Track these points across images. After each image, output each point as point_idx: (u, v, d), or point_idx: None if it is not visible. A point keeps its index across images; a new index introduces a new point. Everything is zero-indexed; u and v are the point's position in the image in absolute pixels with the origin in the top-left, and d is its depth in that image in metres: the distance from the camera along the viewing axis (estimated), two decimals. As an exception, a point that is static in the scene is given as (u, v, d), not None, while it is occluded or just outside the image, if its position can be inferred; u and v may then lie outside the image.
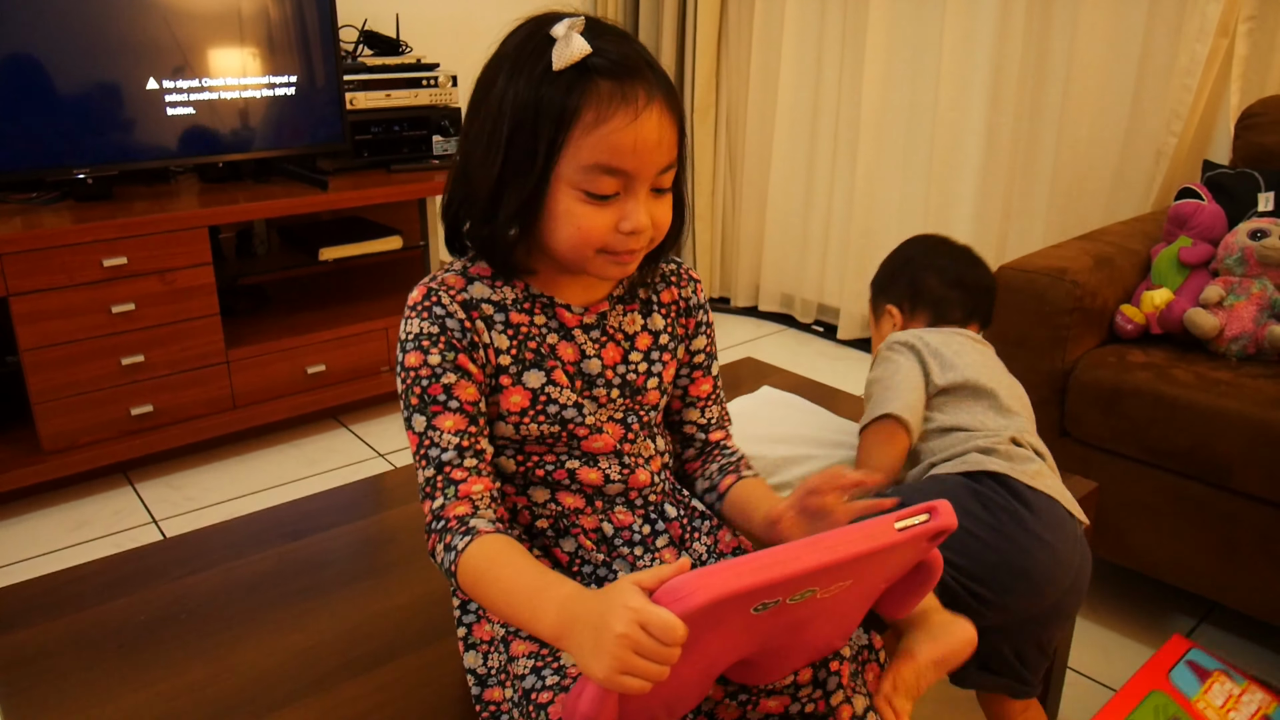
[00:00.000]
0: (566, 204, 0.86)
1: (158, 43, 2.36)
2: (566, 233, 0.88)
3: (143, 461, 2.46)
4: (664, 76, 0.88)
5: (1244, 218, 1.89)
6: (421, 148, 2.93)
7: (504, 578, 0.82)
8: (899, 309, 1.47)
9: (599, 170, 0.85)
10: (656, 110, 0.85)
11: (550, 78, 0.84)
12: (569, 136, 0.84)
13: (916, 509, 0.81)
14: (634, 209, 0.87)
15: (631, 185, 0.87)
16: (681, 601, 0.69)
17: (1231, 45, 2.25)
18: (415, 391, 0.90)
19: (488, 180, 0.87)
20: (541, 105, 0.84)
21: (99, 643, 1.09)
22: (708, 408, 1.10)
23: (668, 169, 0.89)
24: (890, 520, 0.79)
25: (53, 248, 2.13)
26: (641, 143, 0.84)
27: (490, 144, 0.86)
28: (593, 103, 0.83)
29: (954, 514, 0.82)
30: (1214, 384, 1.66)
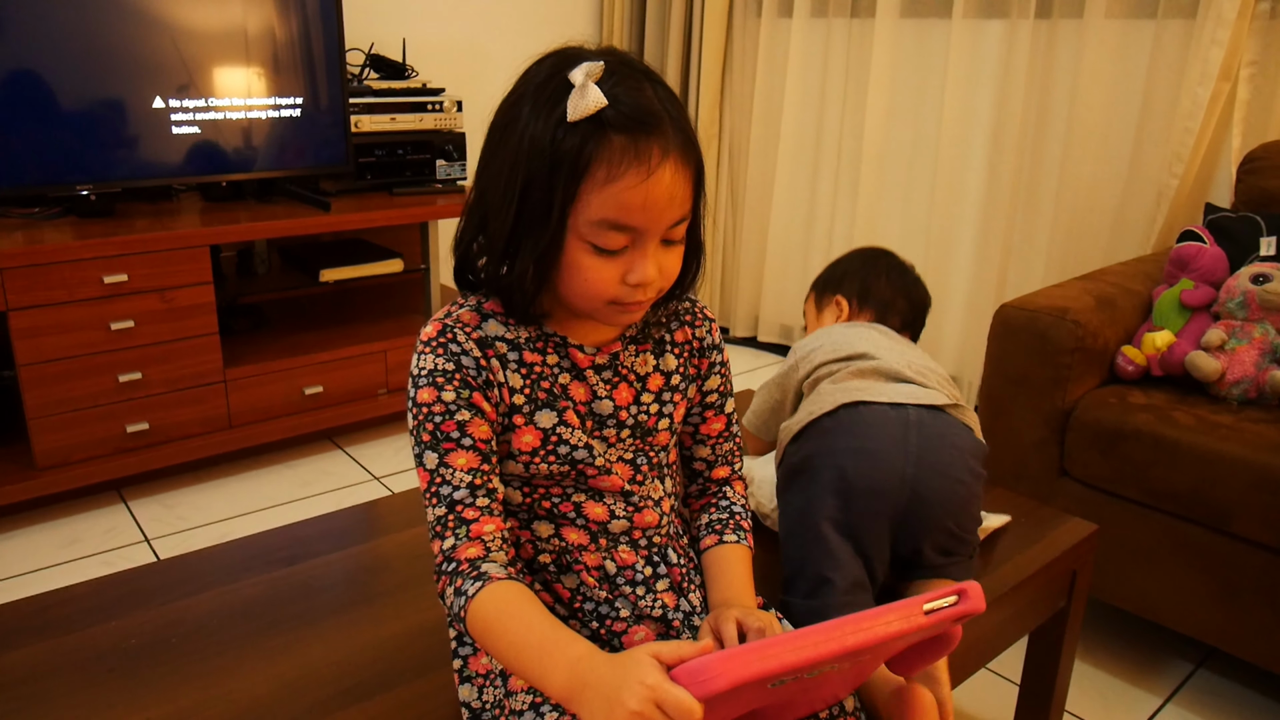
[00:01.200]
0: (575, 255, 0.86)
1: (165, 61, 2.37)
2: (575, 283, 0.87)
3: (136, 479, 2.44)
4: (682, 124, 0.86)
5: (1246, 261, 1.90)
6: (425, 171, 2.94)
7: (514, 630, 0.81)
8: (849, 303, 1.51)
9: (607, 226, 0.84)
10: (670, 166, 0.84)
11: (565, 128, 0.82)
12: (579, 191, 0.83)
13: (946, 591, 0.81)
14: (641, 263, 0.86)
15: (640, 240, 0.86)
16: (703, 685, 0.68)
17: (1234, 90, 2.27)
18: (427, 428, 0.89)
19: (503, 227, 0.86)
20: (556, 156, 0.82)
21: (88, 666, 1.08)
22: (718, 445, 1.10)
23: (680, 222, 0.88)
24: (919, 603, 0.78)
25: (54, 263, 2.13)
26: (652, 201, 0.83)
27: (507, 189, 0.85)
28: (604, 158, 0.82)
29: (983, 597, 0.82)
30: (1215, 427, 1.66)
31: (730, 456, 1.11)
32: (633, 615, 0.97)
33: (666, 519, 1.03)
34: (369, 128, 2.79)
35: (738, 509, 1.09)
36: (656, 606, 0.98)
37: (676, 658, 0.71)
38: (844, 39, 3.17)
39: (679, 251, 0.91)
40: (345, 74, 2.66)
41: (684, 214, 0.88)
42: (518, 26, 3.47)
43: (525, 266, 0.87)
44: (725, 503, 1.10)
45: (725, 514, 1.08)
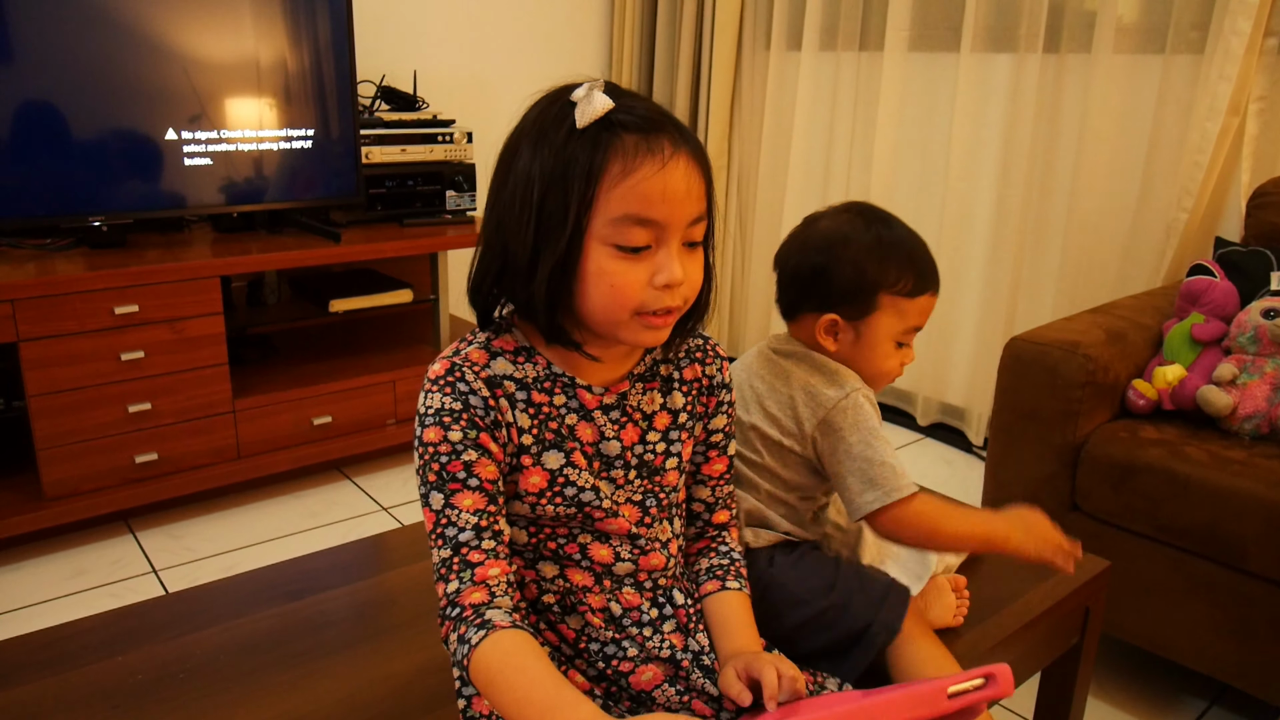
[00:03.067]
0: (599, 262, 0.85)
1: (177, 93, 2.40)
2: (600, 292, 0.86)
3: (144, 510, 2.44)
4: (688, 131, 0.88)
5: (1256, 296, 1.90)
6: (435, 202, 2.95)
7: (518, 685, 0.80)
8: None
9: (629, 221, 0.84)
10: (684, 160, 0.85)
11: (575, 138, 0.83)
12: (598, 191, 0.83)
13: (974, 673, 0.78)
14: (667, 261, 0.86)
15: (663, 236, 0.85)
16: None
17: (1242, 124, 2.28)
18: (433, 468, 0.88)
19: (524, 248, 0.86)
20: (569, 165, 0.83)
21: (94, 703, 1.07)
22: (719, 486, 1.08)
23: (698, 220, 0.88)
24: (943, 687, 0.76)
25: (65, 294, 2.14)
26: (670, 191, 0.84)
27: (522, 212, 0.85)
28: (619, 155, 0.83)
29: (1012, 681, 0.79)
30: (1227, 463, 1.64)
31: (729, 500, 1.10)
32: (640, 655, 0.96)
33: (673, 560, 1.01)
34: (380, 159, 2.81)
35: (736, 555, 1.08)
36: (665, 647, 0.97)
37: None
38: (852, 72, 3.19)
39: (700, 260, 0.91)
40: (356, 105, 2.69)
41: (701, 212, 0.88)
42: (528, 59, 3.50)
43: (543, 276, 0.85)
44: (725, 548, 1.08)
45: (726, 559, 1.07)
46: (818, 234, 1.21)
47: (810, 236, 1.22)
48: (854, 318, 1.19)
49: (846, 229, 1.19)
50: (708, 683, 0.96)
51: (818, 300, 1.19)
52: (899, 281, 1.17)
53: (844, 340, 1.20)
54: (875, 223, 1.19)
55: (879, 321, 1.18)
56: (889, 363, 1.21)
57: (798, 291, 1.22)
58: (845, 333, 1.19)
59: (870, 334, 1.19)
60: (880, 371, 1.21)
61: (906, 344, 1.21)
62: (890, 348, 1.20)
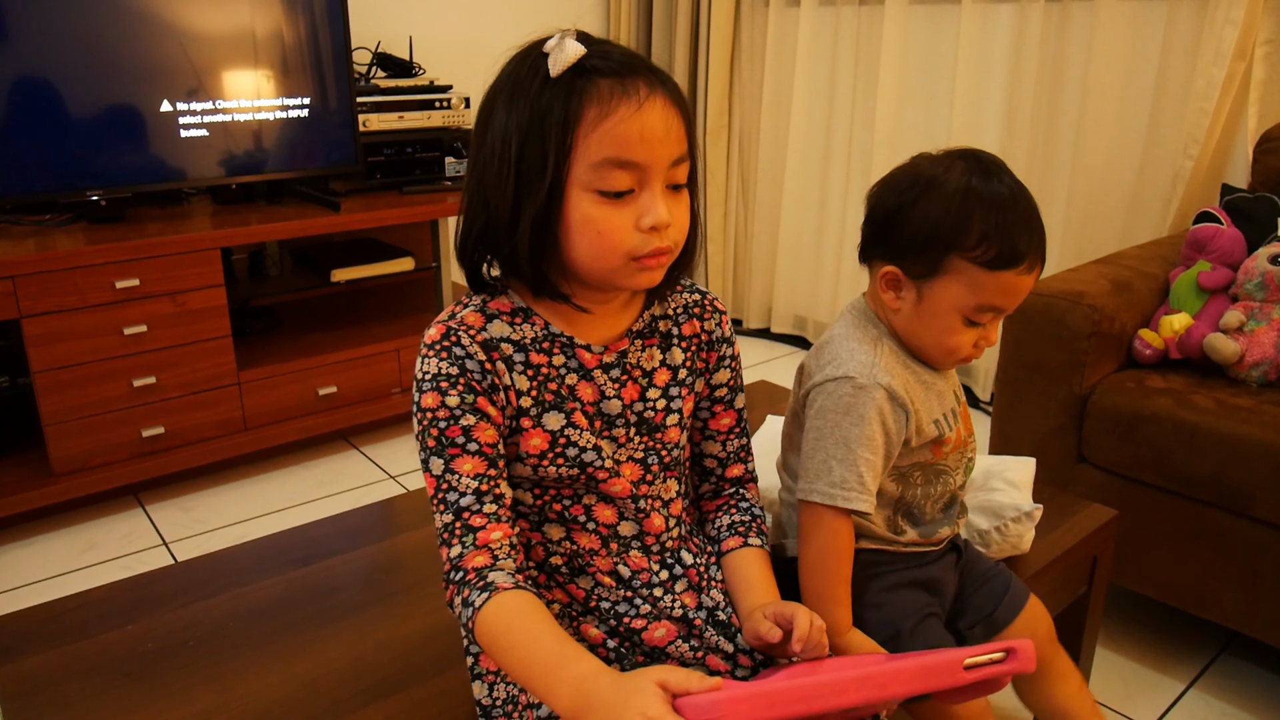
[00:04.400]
0: (583, 210, 0.84)
1: (172, 65, 2.37)
2: (587, 240, 0.85)
3: (153, 483, 2.45)
4: (665, 74, 0.87)
5: (1263, 242, 1.87)
6: (434, 169, 2.94)
7: (521, 644, 0.80)
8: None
9: (609, 165, 0.83)
10: (660, 100, 0.84)
11: (549, 87, 0.83)
12: (575, 138, 0.83)
13: (993, 646, 0.76)
14: (651, 203, 0.85)
15: (645, 178, 0.85)
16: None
17: (1249, 69, 2.24)
18: (432, 434, 0.88)
19: (505, 201, 0.85)
20: (545, 115, 0.83)
21: (105, 671, 1.08)
22: (728, 441, 1.08)
23: (680, 162, 0.87)
24: (959, 659, 0.75)
25: (65, 269, 2.13)
26: (648, 131, 0.83)
27: (502, 166, 0.85)
28: (594, 100, 0.82)
29: (1033, 657, 0.77)
30: (1235, 410, 1.63)
31: (742, 454, 1.09)
32: (652, 613, 0.96)
33: (676, 520, 1.01)
34: (377, 126, 2.79)
35: (757, 512, 1.07)
36: (676, 607, 0.97)
37: (683, 688, 0.69)
38: (853, 26, 3.15)
39: (685, 203, 0.90)
40: (352, 73, 2.66)
41: (683, 152, 0.87)
42: (524, 21, 3.44)
43: (526, 228, 0.85)
44: (745, 504, 1.08)
45: (747, 515, 1.06)
46: (905, 172, 1.06)
47: (899, 174, 1.07)
48: (918, 276, 1.03)
49: (939, 171, 1.03)
50: (722, 639, 0.96)
51: (885, 248, 1.06)
52: (978, 246, 0.99)
53: (906, 300, 1.05)
54: (976, 171, 1.02)
55: (945, 288, 1.02)
56: (953, 339, 1.05)
57: (870, 233, 1.08)
58: (907, 291, 1.05)
59: (932, 300, 1.03)
60: (941, 346, 1.06)
61: (981, 322, 1.04)
62: (955, 321, 1.03)
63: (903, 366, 1.08)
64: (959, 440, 1.11)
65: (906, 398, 1.05)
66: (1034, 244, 1.00)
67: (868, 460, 1.03)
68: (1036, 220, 1.02)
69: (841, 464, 1.03)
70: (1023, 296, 1.04)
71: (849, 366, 1.05)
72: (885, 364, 1.06)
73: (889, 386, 1.04)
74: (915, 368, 1.09)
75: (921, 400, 1.07)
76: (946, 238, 1.00)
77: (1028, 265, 1.01)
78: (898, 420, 1.05)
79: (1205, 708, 1.68)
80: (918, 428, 1.06)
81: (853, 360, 1.06)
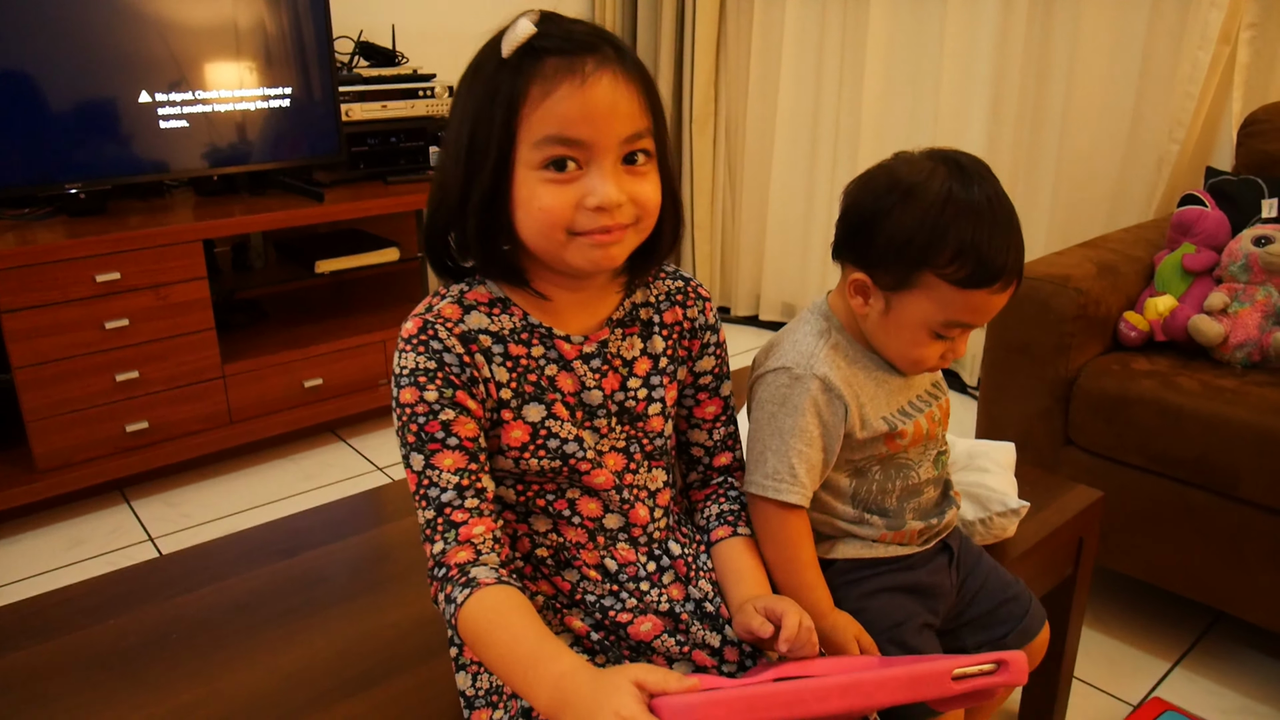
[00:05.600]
0: (529, 188, 0.83)
1: (150, 55, 2.35)
2: (531, 217, 0.84)
3: (139, 479, 2.44)
4: (626, 52, 0.85)
5: (1248, 224, 1.88)
6: (419, 159, 2.92)
7: (501, 641, 0.80)
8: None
9: (550, 142, 0.82)
10: (608, 77, 0.82)
11: (501, 68, 0.83)
12: (520, 117, 0.82)
13: (983, 658, 0.75)
14: (599, 182, 0.83)
15: (591, 156, 0.83)
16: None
17: (1234, 53, 2.24)
18: (412, 429, 0.87)
19: (457, 182, 0.85)
20: (494, 95, 0.82)
21: (87, 665, 1.07)
22: (715, 429, 1.06)
23: (634, 138, 0.84)
24: (948, 669, 0.73)
25: (45, 263, 2.11)
26: (592, 108, 0.81)
27: (455, 148, 0.85)
28: (538, 79, 0.81)
29: (1026, 670, 0.75)
30: (1219, 392, 1.64)
31: (729, 442, 1.08)
32: (639, 607, 0.96)
33: (663, 511, 1.00)
34: (360, 116, 2.77)
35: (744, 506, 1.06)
36: (663, 601, 0.96)
37: (660, 688, 0.69)
38: (839, 13, 3.14)
39: (651, 180, 0.88)
40: (334, 62, 2.64)
41: (637, 129, 0.84)
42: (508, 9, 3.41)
43: (474, 207, 0.85)
44: (734, 493, 1.07)
45: (736, 505, 1.05)
46: (884, 174, 1.02)
47: (878, 175, 1.03)
48: (888, 287, 1.00)
49: (919, 178, 0.99)
50: (708, 633, 0.96)
51: (857, 253, 1.03)
52: (951, 264, 0.96)
53: (873, 308, 1.03)
54: (956, 178, 0.98)
55: (914, 302, 1.00)
56: (918, 351, 1.03)
57: (843, 234, 1.05)
58: (875, 299, 1.02)
59: (900, 312, 1.01)
60: (906, 357, 1.05)
61: (949, 337, 1.02)
62: (922, 335, 1.01)
63: (848, 361, 1.06)
64: (919, 434, 1.09)
65: (845, 389, 1.03)
66: (1009, 262, 0.97)
67: (800, 452, 1.02)
68: (1015, 235, 0.99)
69: (775, 455, 1.02)
70: (993, 314, 1.02)
71: (788, 358, 1.05)
72: (825, 356, 1.04)
73: (824, 377, 1.03)
74: (866, 363, 1.07)
75: (869, 395, 1.06)
76: (919, 253, 0.97)
77: (1001, 284, 0.98)
78: (834, 412, 1.03)
79: (1191, 686, 1.69)
80: (862, 420, 1.05)
81: (793, 351, 1.05)
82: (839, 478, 1.08)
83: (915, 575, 1.11)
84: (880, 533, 1.10)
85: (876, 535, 1.10)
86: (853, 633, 1.03)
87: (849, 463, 1.08)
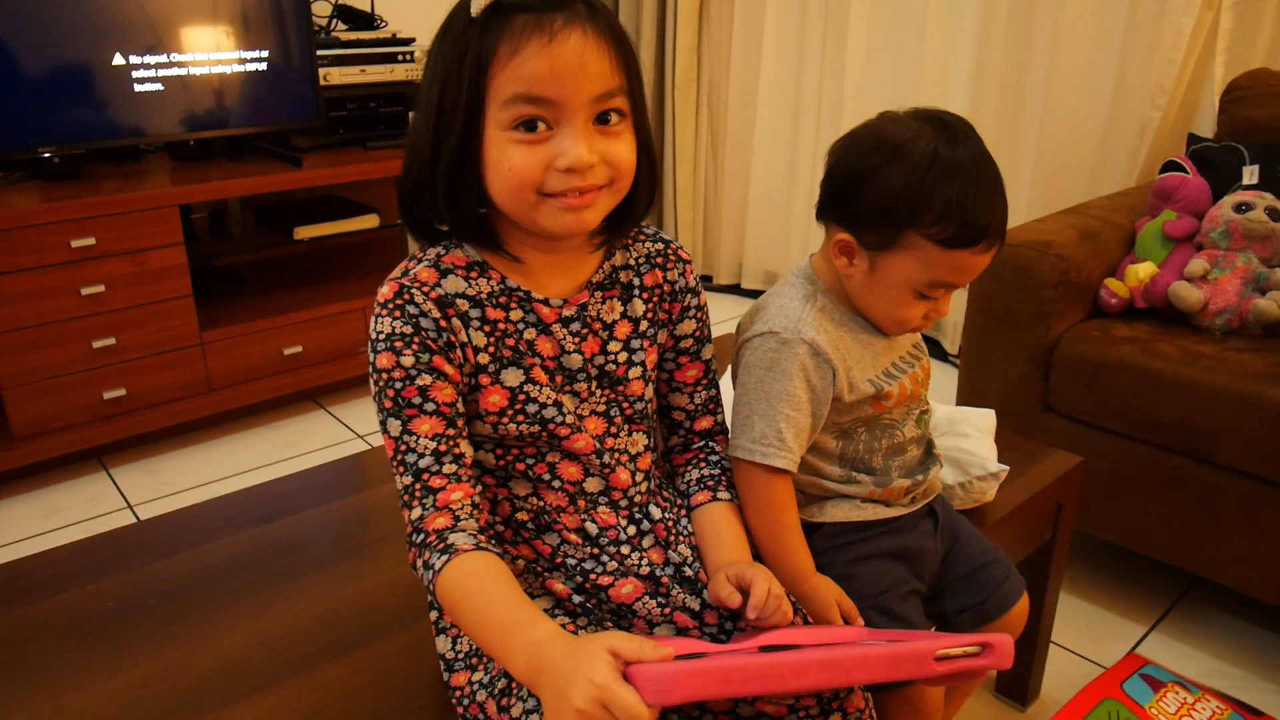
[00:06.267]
0: (499, 148, 0.82)
1: (124, 17, 2.31)
2: (502, 179, 0.83)
3: (117, 446, 2.42)
4: (599, 9, 0.84)
5: (1229, 191, 1.88)
6: (398, 124, 2.88)
7: (479, 608, 0.79)
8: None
9: (518, 101, 0.81)
10: (577, 33, 0.81)
11: (470, 27, 0.81)
12: (488, 77, 0.81)
13: (966, 639, 0.74)
14: (570, 144, 0.82)
15: (561, 116, 0.82)
16: (659, 695, 0.66)
17: (1217, 19, 2.24)
18: (389, 395, 0.86)
19: (426, 143, 0.85)
20: (463, 54, 0.81)
21: (66, 630, 1.07)
22: (696, 393, 1.06)
23: (606, 96, 0.83)
24: (930, 650, 0.72)
25: (19, 228, 2.08)
26: (560, 66, 0.80)
27: (425, 108, 0.84)
28: (506, 37, 0.80)
29: (1011, 654, 0.74)
30: (1198, 358, 1.65)
31: (710, 406, 1.07)
32: (619, 570, 0.95)
33: (644, 475, 1.00)
34: (339, 80, 2.73)
35: (727, 464, 1.06)
36: (644, 564, 0.96)
37: (635, 656, 0.68)
38: (821, -23, 3.12)
39: (626, 140, 0.87)
40: (312, 25, 2.60)
41: (609, 88, 0.83)
42: (488, -26, 3.38)
43: (443, 168, 0.84)
44: (715, 458, 1.06)
45: (716, 469, 1.05)
46: (870, 133, 1.02)
47: (863, 134, 1.03)
48: (872, 247, 1.01)
49: (905, 137, 0.99)
50: (688, 597, 0.96)
51: (842, 213, 1.03)
52: (936, 224, 0.96)
53: (858, 268, 1.03)
54: (942, 138, 0.98)
55: (899, 262, 1.00)
56: (902, 310, 1.04)
57: (828, 194, 1.05)
58: (860, 259, 1.03)
59: (885, 272, 1.01)
60: (890, 317, 1.05)
61: (933, 297, 1.03)
62: (906, 294, 1.02)
63: (834, 324, 1.06)
64: (904, 395, 1.09)
65: (833, 353, 1.04)
66: (994, 222, 0.98)
67: (788, 416, 1.02)
68: (1000, 195, 0.99)
69: (763, 419, 1.03)
70: (977, 274, 1.02)
71: (775, 322, 1.05)
72: (813, 320, 1.04)
73: (813, 341, 1.03)
74: (852, 326, 1.07)
75: (856, 358, 1.06)
76: (904, 212, 0.97)
77: (985, 244, 0.98)
78: (823, 376, 1.04)
79: (1166, 650, 1.71)
80: (849, 384, 1.05)
81: (780, 316, 1.05)
82: (826, 439, 1.08)
83: (902, 540, 1.12)
84: (869, 489, 1.10)
85: (865, 493, 1.10)
86: (833, 597, 1.03)
87: (835, 425, 1.08)
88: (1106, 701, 1.46)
